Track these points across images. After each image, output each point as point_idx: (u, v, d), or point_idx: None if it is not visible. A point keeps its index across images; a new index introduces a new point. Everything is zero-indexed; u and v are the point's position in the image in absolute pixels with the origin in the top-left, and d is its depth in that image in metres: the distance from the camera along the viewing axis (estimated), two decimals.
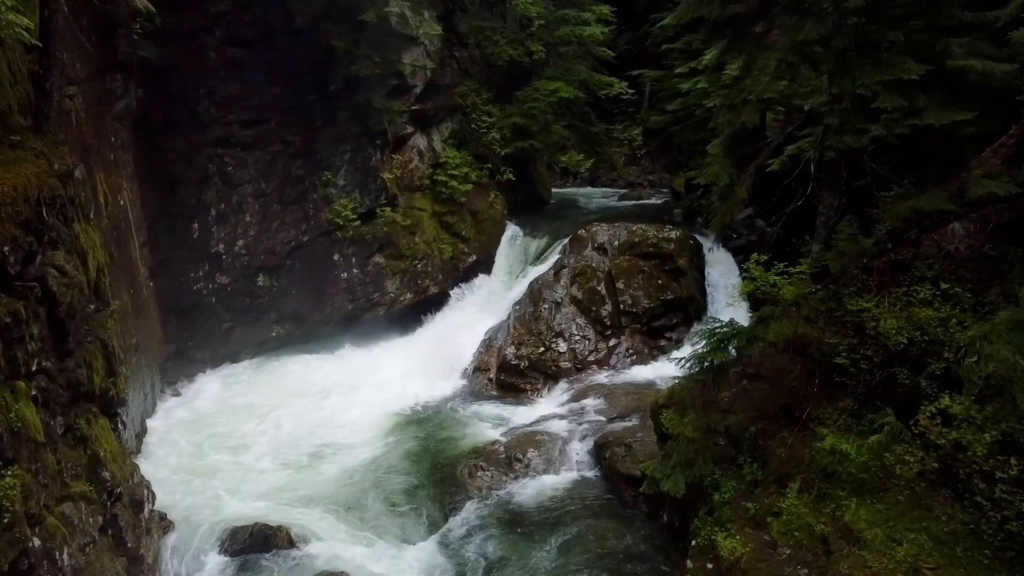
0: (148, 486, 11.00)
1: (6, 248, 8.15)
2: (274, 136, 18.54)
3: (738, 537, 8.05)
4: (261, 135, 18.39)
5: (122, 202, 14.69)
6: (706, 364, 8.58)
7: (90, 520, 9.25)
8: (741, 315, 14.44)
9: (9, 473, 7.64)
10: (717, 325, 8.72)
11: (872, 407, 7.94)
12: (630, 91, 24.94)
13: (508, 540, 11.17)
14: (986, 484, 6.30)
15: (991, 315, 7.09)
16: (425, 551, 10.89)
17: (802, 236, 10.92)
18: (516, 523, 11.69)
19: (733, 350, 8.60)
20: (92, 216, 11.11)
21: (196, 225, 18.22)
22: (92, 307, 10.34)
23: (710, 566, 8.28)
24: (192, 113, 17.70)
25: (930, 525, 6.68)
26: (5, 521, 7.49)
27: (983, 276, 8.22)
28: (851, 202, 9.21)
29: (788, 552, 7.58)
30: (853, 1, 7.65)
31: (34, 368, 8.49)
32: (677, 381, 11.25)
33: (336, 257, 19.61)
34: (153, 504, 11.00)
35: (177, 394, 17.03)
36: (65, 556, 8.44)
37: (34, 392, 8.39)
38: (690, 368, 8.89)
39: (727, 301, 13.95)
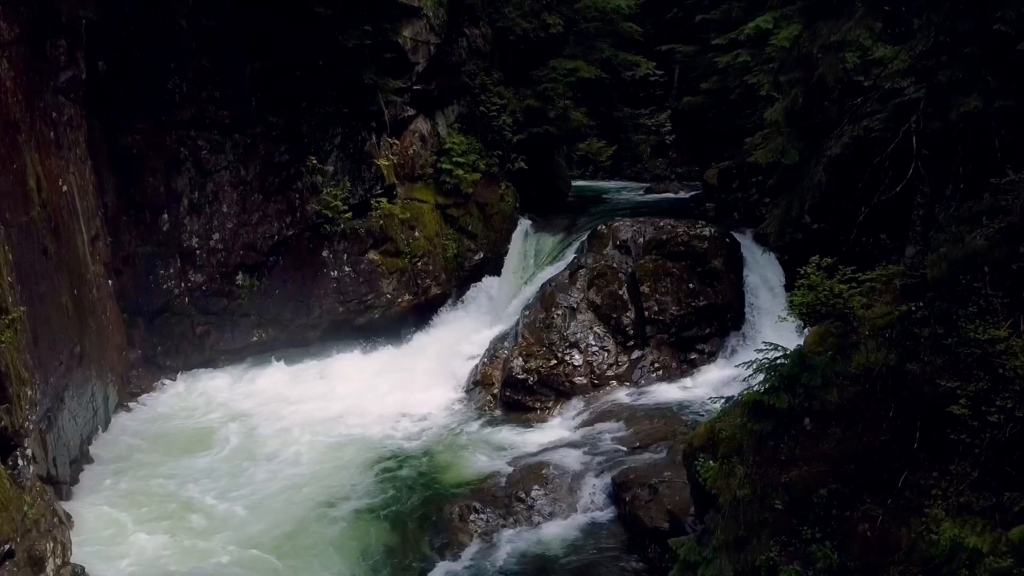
0: (58, 535, 8.93)
1: None
2: (254, 117, 16.51)
3: None
4: (239, 116, 16.38)
5: (65, 188, 12.68)
6: (765, 408, 6.30)
7: None
8: (789, 330, 12.10)
9: None
10: (777, 354, 6.44)
11: (1003, 477, 5.64)
12: (658, 72, 22.56)
13: None
14: None
15: None
16: None
17: (877, 235, 8.56)
18: None
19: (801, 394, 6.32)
20: None
21: (166, 216, 16.25)
22: None
23: None
24: (160, 90, 15.72)
25: None
26: None
27: None
28: (964, 194, 6.87)
29: None
30: None
31: None
32: (718, 415, 9.00)
33: (325, 254, 17.48)
34: (65, 557, 8.93)
35: (139, 408, 15.03)
36: None
37: None
38: (740, 414, 6.63)
39: (778, 316, 11.65)
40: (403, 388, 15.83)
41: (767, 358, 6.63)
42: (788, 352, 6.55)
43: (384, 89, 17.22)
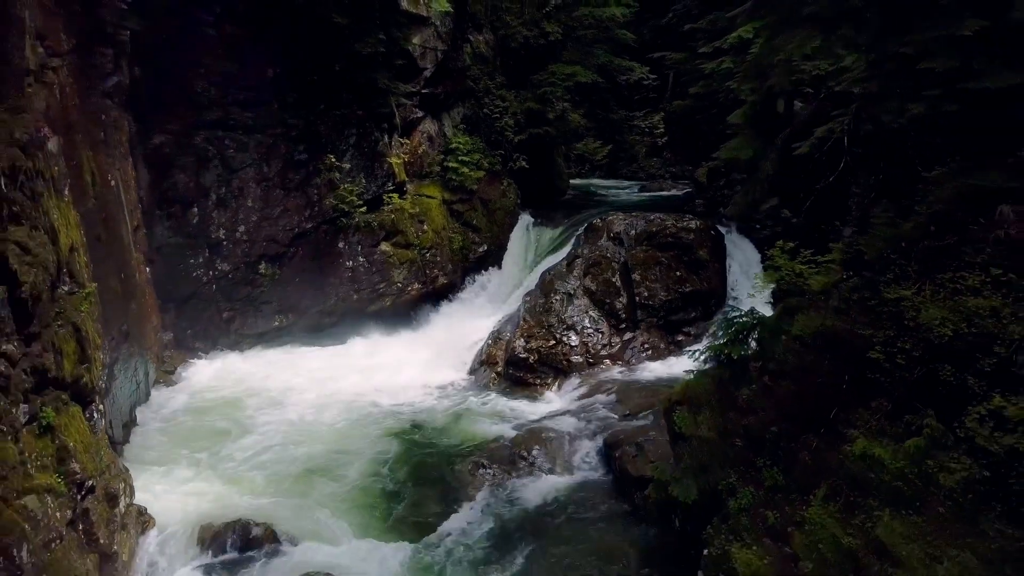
0: (126, 479, 10.33)
1: None
2: (275, 118, 17.87)
3: (755, 548, 7.21)
4: (261, 117, 17.75)
5: (113, 183, 14.06)
6: (723, 357, 7.72)
7: (57, 515, 8.56)
8: (765, 310, 13.55)
9: None
10: (736, 315, 7.85)
11: (911, 408, 7.03)
12: (651, 76, 24.02)
13: (507, 543, 10.38)
14: None
15: None
16: (418, 552, 10.11)
17: (832, 223, 9.99)
18: (516, 526, 10.89)
19: (754, 343, 7.73)
20: (68, 193, 10.44)
21: (195, 210, 17.62)
22: (64, 289, 9.69)
23: None
24: (189, 93, 17.09)
25: (976, 542, 5.80)
26: None
27: None
28: (889, 185, 8.29)
29: (811, 567, 6.72)
30: None
31: None
32: (692, 376, 10.41)
33: (341, 245, 18.90)
34: (131, 498, 10.33)
35: (173, 383, 16.39)
36: (24, 553, 7.76)
37: None
38: (706, 362, 8.03)
39: (749, 292, 13.08)
40: (414, 368, 17.24)
41: (730, 318, 8.05)
42: (745, 312, 7.96)
43: (395, 92, 18.63)
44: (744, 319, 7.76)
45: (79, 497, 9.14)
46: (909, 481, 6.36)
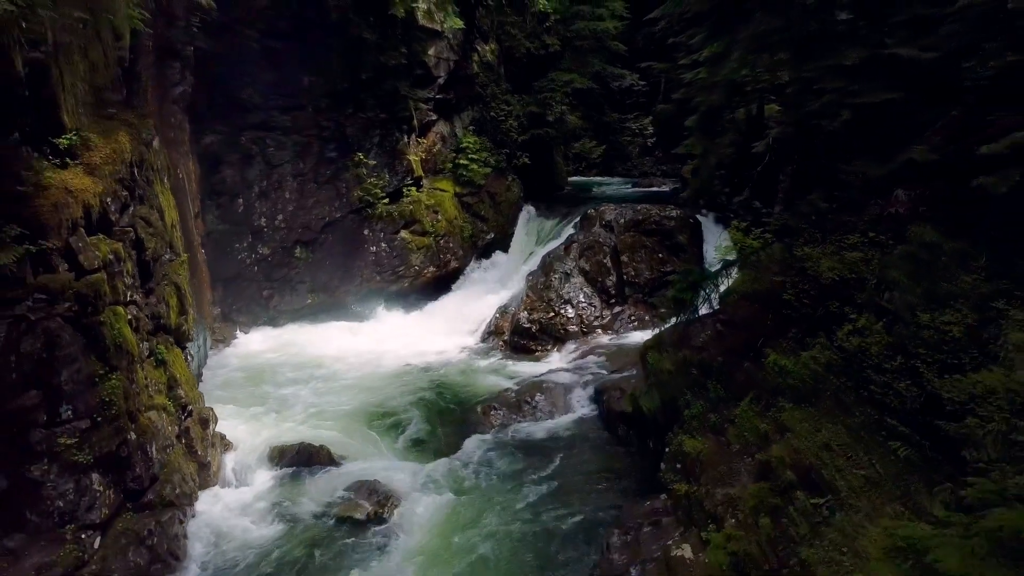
0: (212, 409, 12.92)
1: (108, 199, 10.11)
2: (309, 121, 20.47)
3: (699, 439, 9.79)
4: (298, 120, 20.34)
5: (181, 175, 16.64)
6: (680, 302, 10.30)
7: (169, 428, 11.18)
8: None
9: (114, 376, 9.58)
10: (690, 269, 10.43)
11: (813, 334, 9.62)
12: (641, 82, 26.62)
13: (513, 464, 12.94)
14: (878, 375, 7.96)
15: None
16: (441, 468, 12.67)
17: (774, 205, 12.61)
18: (522, 451, 13.47)
19: (703, 293, 10.31)
20: (166, 181, 13.04)
21: (240, 200, 20.20)
22: (167, 256, 12.29)
23: (678, 466, 10.03)
24: (236, 99, 19.66)
25: (845, 419, 8.36)
26: (112, 412, 9.43)
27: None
28: (801, 174, 10.86)
29: (738, 447, 9.30)
30: None
31: (128, 299, 10.44)
32: (665, 329, 13.01)
33: (366, 232, 21.48)
34: (216, 425, 12.92)
35: (224, 350, 18.95)
36: (153, 451, 10.38)
37: (129, 318, 10.33)
38: (669, 311, 10.62)
39: (711, 263, 15.69)
40: (431, 339, 19.83)
41: (684, 273, 10.63)
42: (695, 269, 10.54)
43: (414, 98, 21.20)
44: (695, 274, 10.31)
45: (183, 417, 11.75)
46: (804, 382, 8.96)
